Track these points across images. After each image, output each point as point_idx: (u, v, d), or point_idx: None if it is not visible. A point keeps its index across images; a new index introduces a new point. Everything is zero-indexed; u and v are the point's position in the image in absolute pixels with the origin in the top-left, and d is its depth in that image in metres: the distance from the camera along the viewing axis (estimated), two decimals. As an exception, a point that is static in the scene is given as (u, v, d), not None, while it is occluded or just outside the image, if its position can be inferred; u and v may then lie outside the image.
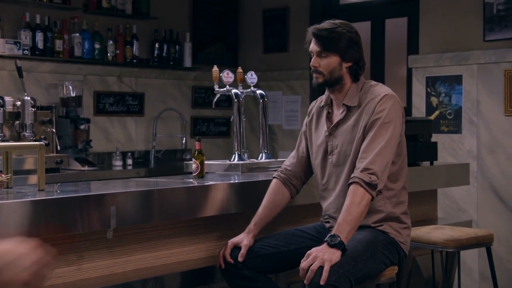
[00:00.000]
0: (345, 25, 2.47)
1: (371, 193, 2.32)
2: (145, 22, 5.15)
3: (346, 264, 2.25)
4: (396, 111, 2.42)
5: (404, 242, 2.51)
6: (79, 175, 4.14)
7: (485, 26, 4.45)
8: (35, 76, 4.55)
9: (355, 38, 2.46)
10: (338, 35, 2.42)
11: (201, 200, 2.61)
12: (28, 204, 2.14)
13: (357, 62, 2.46)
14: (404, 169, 2.53)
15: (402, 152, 2.51)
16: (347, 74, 2.46)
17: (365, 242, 2.38)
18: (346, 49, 2.43)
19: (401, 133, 2.47)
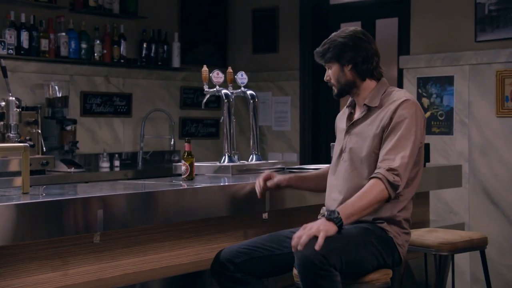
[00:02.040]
0: (338, 33, 2.54)
1: (390, 193, 2.33)
2: (132, 21, 5.09)
3: (339, 242, 2.26)
4: (418, 118, 2.43)
5: (401, 245, 2.48)
6: (65, 177, 4.09)
7: (477, 27, 4.43)
8: (20, 76, 4.48)
9: (349, 41, 2.49)
10: (330, 44, 2.52)
11: (191, 203, 2.56)
12: (11, 208, 2.08)
13: (357, 61, 2.48)
14: (417, 178, 2.52)
15: (420, 161, 2.50)
16: (354, 76, 2.50)
17: (360, 228, 2.39)
18: (340, 54, 2.49)
19: (422, 141, 2.46)
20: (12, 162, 3.83)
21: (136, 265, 2.55)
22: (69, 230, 2.22)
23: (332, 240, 2.23)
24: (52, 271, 2.31)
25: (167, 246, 2.64)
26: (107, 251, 2.45)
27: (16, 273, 2.23)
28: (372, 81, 2.52)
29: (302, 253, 2.20)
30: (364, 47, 2.48)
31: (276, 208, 2.85)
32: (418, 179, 2.52)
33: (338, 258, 2.23)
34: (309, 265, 2.19)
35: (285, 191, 2.83)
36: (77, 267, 2.38)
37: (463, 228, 3.88)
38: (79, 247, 2.37)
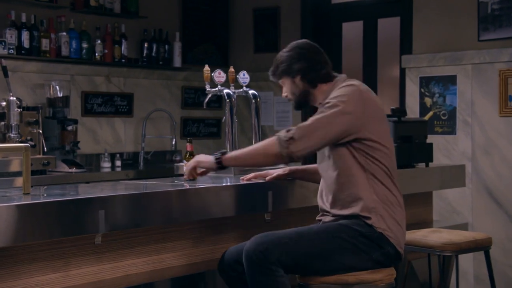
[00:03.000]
0: (282, 50, 2.61)
1: (280, 148, 2.35)
2: (133, 21, 5.07)
3: (287, 238, 2.31)
4: (349, 97, 2.40)
5: (394, 236, 2.41)
6: (66, 177, 4.07)
7: (480, 26, 4.41)
8: (21, 76, 4.46)
9: (293, 53, 2.56)
10: (277, 61, 2.59)
11: (193, 204, 2.54)
12: (12, 209, 2.06)
13: (304, 71, 2.54)
14: (391, 152, 2.47)
15: (382, 138, 2.43)
16: (305, 85, 2.55)
17: (332, 225, 2.41)
18: (288, 67, 2.57)
19: (356, 114, 2.38)
20: (13, 162, 3.82)
21: (138, 266, 2.53)
22: (70, 231, 2.20)
23: (280, 237, 2.31)
24: (53, 272, 2.30)
25: (169, 247, 2.62)
26: (108, 252, 2.44)
27: (17, 274, 2.21)
28: (326, 84, 2.55)
29: (245, 248, 2.30)
30: (308, 56, 2.55)
31: (279, 209, 2.83)
32: (384, 159, 2.42)
33: (282, 254, 2.26)
34: (249, 261, 2.29)
35: (288, 191, 2.81)
36: (78, 268, 2.36)
37: (467, 228, 3.86)
38: (80, 248, 2.36)
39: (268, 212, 2.84)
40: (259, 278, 2.27)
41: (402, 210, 2.48)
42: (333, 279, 2.36)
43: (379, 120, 2.44)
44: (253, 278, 2.29)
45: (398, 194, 2.47)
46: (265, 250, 2.27)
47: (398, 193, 2.48)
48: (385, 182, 2.43)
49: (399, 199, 2.48)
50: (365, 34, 5.24)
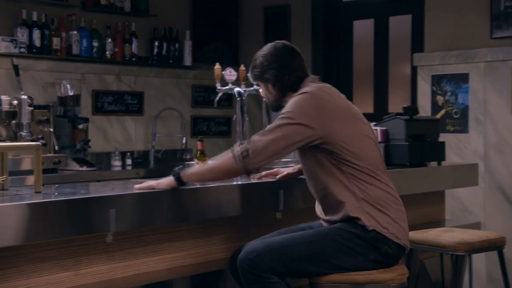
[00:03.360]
0: (259, 53, 2.59)
1: (237, 163, 2.34)
2: (144, 19, 5.07)
3: (276, 244, 2.32)
4: (298, 107, 2.36)
5: (388, 231, 2.35)
6: (77, 175, 4.07)
7: (492, 23, 4.37)
8: (32, 74, 4.47)
9: (264, 60, 2.55)
10: (252, 65, 2.59)
11: (204, 202, 2.53)
12: (23, 207, 2.06)
13: (274, 80, 2.53)
14: (366, 150, 2.41)
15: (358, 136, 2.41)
16: (278, 92, 2.55)
17: (324, 229, 2.40)
18: (260, 73, 2.57)
19: (307, 123, 2.34)
20: (24, 161, 3.82)
21: (149, 265, 2.52)
22: (81, 229, 2.20)
23: (270, 243, 2.33)
24: (64, 271, 2.29)
25: (180, 245, 2.61)
26: (119, 251, 2.43)
27: (27, 273, 2.21)
28: (295, 92, 2.49)
29: (238, 257, 2.34)
30: (279, 64, 2.52)
31: (290, 208, 2.81)
32: (369, 151, 2.40)
33: (273, 261, 2.28)
34: (241, 269, 2.32)
35: (299, 190, 2.80)
36: (89, 267, 2.36)
37: (479, 228, 3.83)
38: (91, 247, 2.35)
39: (279, 211, 2.82)
40: (252, 286, 2.30)
41: (398, 205, 2.41)
42: (344, 278, 2.34)
43: (343, 121, 2.37)
44: (247, 286, 2.32)
45: (390, 189, 2.41)
46: (255, 258, 2.30)
47: (390, 189, 2.41)
48: (369, 181, 2.36)
49: (392, 194, 2.40)
50: (376, 32, 5.21)
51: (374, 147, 2.45)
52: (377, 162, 2.42)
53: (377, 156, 2.44)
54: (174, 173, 2.40)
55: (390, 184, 2.43)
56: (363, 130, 2.43)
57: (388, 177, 2.46)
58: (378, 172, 2.40)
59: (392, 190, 2.43)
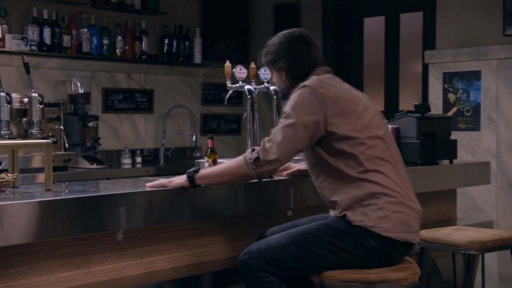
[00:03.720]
0: (275, 39, 2.56)
1: (248, 169, 2.35)
2: (154, 17, 5.07)
3: (265, 245, 2.35)
4: (299, 103, 2.35)
5: (376, 226, 2.29)
6: (87, 173, 4.08)
7: (505, 20, 4.32)
8: (43, 72, 4.48)
9: (280, 48, 2.52)
10: (265, 50, 2.58)
11: (215, 200, 2.52)
12: (34, 205, 2.06)
13: (287, 69, 2.50)
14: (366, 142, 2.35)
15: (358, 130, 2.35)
16: (290, 82, 2.51)
17: (312, 226, 2.38)
18: (273, 60, 2.55)
19: (312, 118, 2.32)
20: (35, 159, 3.83)
21: (159, 263, 2.52)
22: (92, 227, 2.20)
23: (262, 244, 2.36)
24: (74, 269, 2.29)
25: (190, 244, 2.61)
26: (130, 249, 2.43)
27: (38, 270, 2.21)
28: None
29: (237, 259, 2.38)
30: (293, 53, 2.49)
31: (301, 206, 2.80)
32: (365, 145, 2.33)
33: (264, 262, 2.31)
34: (239, 270, 2.37)
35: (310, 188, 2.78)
36: (100, 265, 2.36)
37: (492, 226, 3.80)
38: (102, 245, 2.35)
39: (290, 209, 2.81)
40: (250, 286, 2.36)
41: (395, 198, 2.31)
42: (355, 277, 2.32)
43: (342, 113, 2.34)
44: (247, 286, 2.38)
45: (387, 182, 2.32)
46: (247, 259, 2.36)
47: (389, 181, 2.32)
48: (364, 176, 2.31)
49: (389, 187, 2.32)
50: (387, 29, 5.18)
51: (376, 139, 2.36)
52: (379, 153, 2.34)
53: (379, 147, 2.36)
54: (188, 174, 2.40)
55: (391, 174, 2.34)
56: (364, 122, 2.37)
57: (395, 167, 2.36)
58: (377, 163, 2.32)
59: (392, 182, 2.32)
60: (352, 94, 2.45)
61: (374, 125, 2.40)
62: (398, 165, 2.41)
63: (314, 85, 2.38)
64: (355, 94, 2.46)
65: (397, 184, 2.36)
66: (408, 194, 2.38)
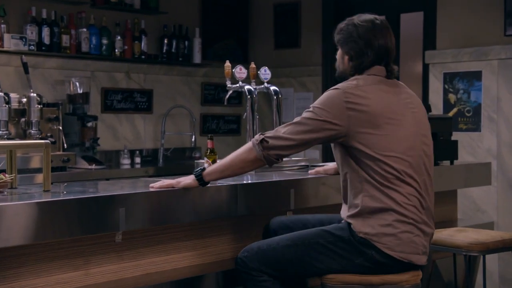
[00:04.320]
0: (355, 19, 2.42)
1: (257, 151, 2.31)
2: (153, 17, 5.05)
3: (266, 245, 2.35)
4: (327, 103, 2.29)
5: (379, 241, 2.24)
6: (86, 174, 4.06)
7: (506, 20, 4.31)
8: (41, 72, 4.46)
9: (357, 31, 2.37)
10: (340, 29, 2.44)
11: (214, 201, 2.50)
12: (32, 206, 2.04)
13: (352, 55, 2.39)
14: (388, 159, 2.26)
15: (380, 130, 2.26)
16: (349, 67, 2.41)
17: (315, 231, 2.36)
18: (345, 41, 2.41)
19: (332, 121, 2.26)
20: (33, 159, 3.81)
21: (158, 264, 2.50)
22: (90, 229, 2.18)
23: (261, 244, 2.36)
24: (73, 270, 2.27)
25: (190, 245, 2.59)
26: (129, 250, 2.41)
27: (37, 272, 2.19)
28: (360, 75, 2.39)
29: (236, 257, 2.39)
30: (367, 43, 2.34)
31: (301, 207, 2.78)
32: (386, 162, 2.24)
33: (260, 262, 2.32)
34: (237, 268, 2.38)
35: (310, 189, 2.77)
36: (99, 266, 2.34)
37: (493, 228, 3.78)
38: (100, 246, 2.33)
39: (290, 210, 2.79)
40: (245, 284, 2.37)
41: (403, 217, 2.24)
42: (357, 279, 2.31)
43: (372, 127, 2.25)
44: (243, 284, 2.38)
45: (400, 201, 2.24)
46: (245, 257, 2.35)
47: (402, 200, 2.24)
48: (383, 189, 2.25)
49: (402, 206, 2.25)
50: (387, 29, 5.15)
51: (400, 159, 2.26)
52: (400, 173, 2.26)
53: (402, 167, 2.26)
54: (196, 173, 2.38)
55: (411, 197, 2.26)
56: (392, 139, 2.26)
57: (418, 190, 2.28)
58: (395, 183, 2.25)
59: (409, 205, 2.25)
60: (388, 108, 2.30)
61: (404, 144, 2.28)
62: (423, 188, 2.31)
63: (348, 91, 2.29)
64: (392, 109, 2.31)
65: (416, 208, 2.27)
66: (424, 220, 2.30)
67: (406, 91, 2.43)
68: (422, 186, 2.31)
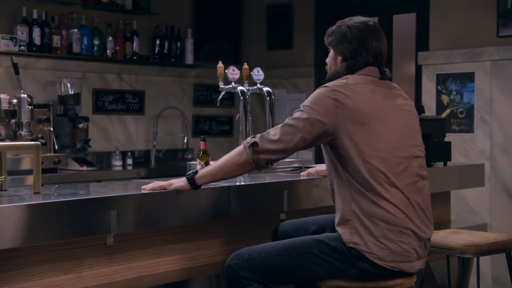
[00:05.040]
0: (347, 21, 2.42)
1: (247, 153, 2.28)
2: (145, 17, 5.02)
3: (256, 254, 2.31)
4: (313, 98, 2.27)
5: (370, 251, 2.20)
6: (77, 175, 4.04)
7: (499, 21, 4.31)
8: (32, 73, 4.42)
9: (351, 32, 2.37)
10: (332, 31, 2.44)
11: (207, 203, 2.48)
12: (22, 209, 2.01)
13: (346, 55, 2.37)
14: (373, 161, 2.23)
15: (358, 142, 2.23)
16: (342, 68, 2.39)
17: (306, 239, 2.33)
18: (338, 42, 2.40)
19: (321, 119, 2.23)
20: (24, 160, 3.78)
21: (151, 267, 2.47)
22: (82, 231, 2.15)
23: (251, 252, 2.32)
24: (64, 273, 2.25)
25: (182, 247, 2.57)
26: (120, 253, 2.38)
27: (28, 275, 2.17)
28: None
29: (225, 264, 2.36)
30: (360, 44, 2.34)
31: (295, 208, 2.76)
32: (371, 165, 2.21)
33: (250, 270, 2.29)
34: (225, 275, 2.35)
35: (304, 191, 2.75)
36: (90, 269, 2.31)
37: (486, 229, 3.78)
38: (92, 249, 2.31)
39: (283, 212, 2.77)
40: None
41: (394, 226, 2.20)
42: (352, 284, 2.28)
43: (360, 126, 2.22)
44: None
45: (390, 207, 2.20)
46: (234, 265, 2.32)
47: (392, 207, 2.20)
48: (368, 195, 2.21)
49: (391, 213, 2.20)
50: (380, 30, 5.15)
51: (387, 161, 2.22)
52: (386, 175, 2.22)
53: (388, 168, 2.23)
54: (188, 176, 2.35)
55: (395, 199, 2.21)
56: (378, 140, 2.23)
57: (403, 192, 2.23)
58: (382, 187, 2.21)
59: (395, 208, 2.21)
60: (375, 107, 2.27)
61: (391, 144, 2.25)
62: (413, 191, 2.26)
63: (337, 88, 2.27)
64: (380, 109, 2.27)
65: (404, 213, 2.22)
66: (416, 224, 2.25)
67: (399, 94, 2.40)
68: (412, 188, 2.27)
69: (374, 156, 2.22)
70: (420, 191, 2.31)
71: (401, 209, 2.23)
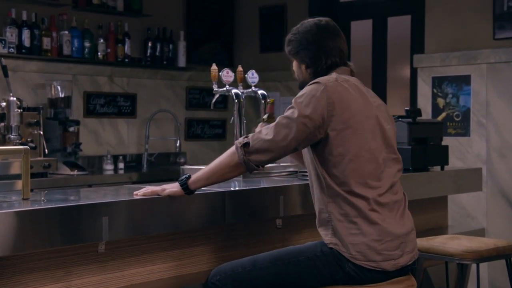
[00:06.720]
0: (300, 27, 2.40)
1: (238, 155, 2.22)
2: (137, 19, 4.97)
3: (240, 268, 2.26)
4: (308, 98, 2.20)
5: (349, 252, 2.15)
6: (68, 180, 3.98)
7: (495, 24, 4.28)
8: (22, 75, 4.36)
9: (303, 38, 2.35)
10: (288, 38, 2.42)
11: (201, 209, 2.42)
12: (10, 216, 1.94)
13: (309, 62, 2.35)
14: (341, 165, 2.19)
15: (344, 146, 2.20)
16: (308, 76, 2.37)
17: (296, 247, 2.28)
18: (296, 51, 2.39)
19: (314, 116, 2.18)
20: (13, 165, 3.71)
21: (143, 275, 2.41)
22: (72, 238, 2.09)
23: (234, 266, 2.27)
24: (54, 282, 2.18)
25: (176, 255, 2.50)
26: (112, 261, 2.32)
27: (15, 285, 2.10)
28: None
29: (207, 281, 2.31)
30: (317, 46, 2.31)
31: (291, 214, 2.70)
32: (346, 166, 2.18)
33: (235, 285, 2.23)
34: None
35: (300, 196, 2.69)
36: (81, 278, 2.25)
37: (484, 234, 3.73)
38: (82, 257, 2.24)
39: (279, 217, 2.71)
40: None
41: (369, 225, 2.17)
42: (347, 289, 2.23)
43: (348, 123, 2.19)
44: None
45: (363, 207, 2.16)
46: (218, 281, 2.26)
47: (366, 206, 2.17)
48: (345, 194, 2.17)
49: (366, 213, 2.17)
50: (375, 33, 5.12)
51: (365, 162, 2.19)
52: (363, 176, 2.19)
53: (368, 166, 2.20)
54: (181, 182, 2.28)
55: (372, 195, 2.18)
56: (361, 136, 2.21)
57: (381, 189, 2.20)
58: (359, 187, 2.18)
59: (371, 208, 2.17)
60: (359, 108, 2.24)
61: (370, 145, 2.22)
62: (389, 191, 2.23)
63: (328, 84, 2.22)
64: (362, 109, 2.25)
65: (376, 211, 2.19)
66: (391, 223, 2.20)
67: (369, 90, 2.39)
68: (387, 188, 2.23)
69: (356, 156, 2.19)
70: (396, 194, 2.28)
71: (377, 210, 2.19)
